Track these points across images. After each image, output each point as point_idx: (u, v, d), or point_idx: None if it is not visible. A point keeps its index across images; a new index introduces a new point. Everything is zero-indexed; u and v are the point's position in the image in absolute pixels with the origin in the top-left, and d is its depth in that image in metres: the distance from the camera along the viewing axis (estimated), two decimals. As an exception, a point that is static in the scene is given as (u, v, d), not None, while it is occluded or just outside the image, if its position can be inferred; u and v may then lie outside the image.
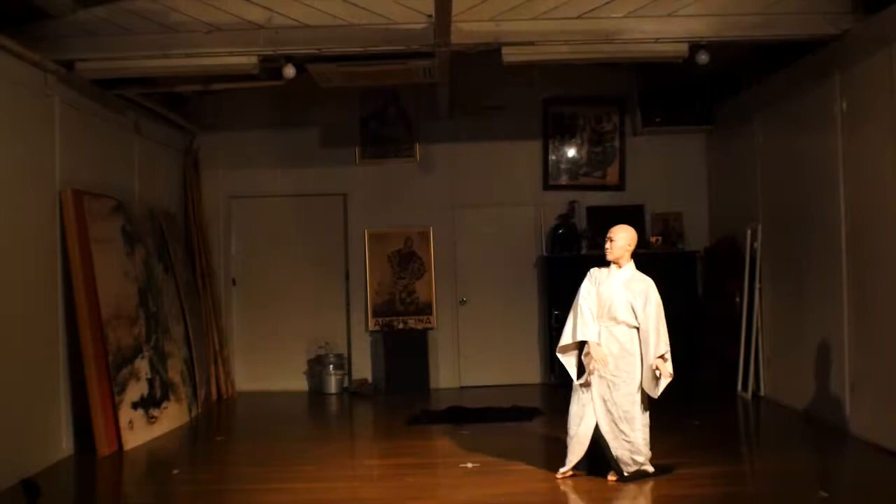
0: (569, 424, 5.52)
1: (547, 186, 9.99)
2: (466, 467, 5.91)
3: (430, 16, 6.27)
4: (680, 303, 9.47)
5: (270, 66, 7.02)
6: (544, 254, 9.75)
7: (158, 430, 7.33)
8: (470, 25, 6.52)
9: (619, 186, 9.98)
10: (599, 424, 5.39)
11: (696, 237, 9.91)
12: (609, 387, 5.38)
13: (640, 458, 5.40)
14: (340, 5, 6.52)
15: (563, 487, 5.38)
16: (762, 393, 8.30)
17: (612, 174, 10.01)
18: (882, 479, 5.47)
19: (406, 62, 7.20)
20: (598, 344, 5.37)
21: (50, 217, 6.60)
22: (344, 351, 9.88)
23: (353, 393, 9.59)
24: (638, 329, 5.39)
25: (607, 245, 5.52)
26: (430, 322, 9.84)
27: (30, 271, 6.28)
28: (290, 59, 6.92)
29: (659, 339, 5.31)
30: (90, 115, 7.34)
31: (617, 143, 10.00)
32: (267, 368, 9.84)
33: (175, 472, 6.16)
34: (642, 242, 9.66)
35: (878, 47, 6.05)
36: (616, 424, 5.36)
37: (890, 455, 5.87)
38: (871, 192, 6.23)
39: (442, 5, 5.77)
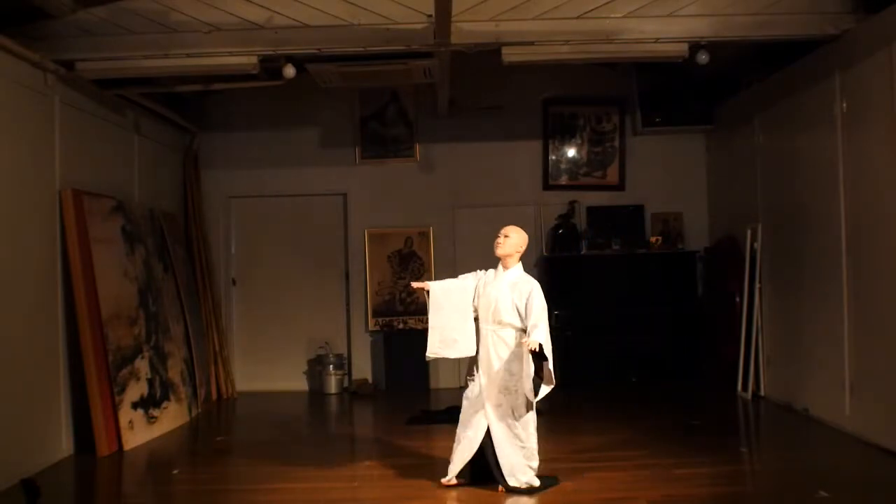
0: (458, 428, 5.42)
1: (547, 186, 10.00)
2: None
3: (430, 16, 6.27)
4: (680, 303, 9.54)
5: (270, 66, 7.03)
6: (544, 254, 9.74)
7: (158, 430, 7.34)
8: (470, 25, 6.52)
9: (619, 186, 9.99)
10: (493, 432, 5.26)
11: (696, 237, 9.91)
12: (502, 392, 5.27)
13: (535, 464, 5.29)
14: (340, 5, 6.52)
15: (563, 488, 5.36)
16: (762, 393, 8.30)
17: (612, 174, 10.01)
18: (882, 479, 5.47)
19: (406, 62, 7.21)
20: (427, 288, 5.83)
21: (50, 217, 6.60)
22: (344, 351, 9.88)
23: (353, 393, 9.59)
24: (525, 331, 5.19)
25: (500, 240, 5.39)
26: (430, 322, 9.81)
27: (30, 271, 6.28)
28: (290, 59, 6.93)
29: (538, 331, 5.01)
30: (90, 115, 7.34)
31: (617, 143, 10.00)
32: (267, 368, 9.85)
33: (175, 472, 6.16)
34: (642, 242, 9.82)
35: (878, 47, 6.05)
36: (511, 430, 5.25)
37: (890, 455, 5.87)
38: (871, 192, 6.22)
39: (442, 5, 5.76)
